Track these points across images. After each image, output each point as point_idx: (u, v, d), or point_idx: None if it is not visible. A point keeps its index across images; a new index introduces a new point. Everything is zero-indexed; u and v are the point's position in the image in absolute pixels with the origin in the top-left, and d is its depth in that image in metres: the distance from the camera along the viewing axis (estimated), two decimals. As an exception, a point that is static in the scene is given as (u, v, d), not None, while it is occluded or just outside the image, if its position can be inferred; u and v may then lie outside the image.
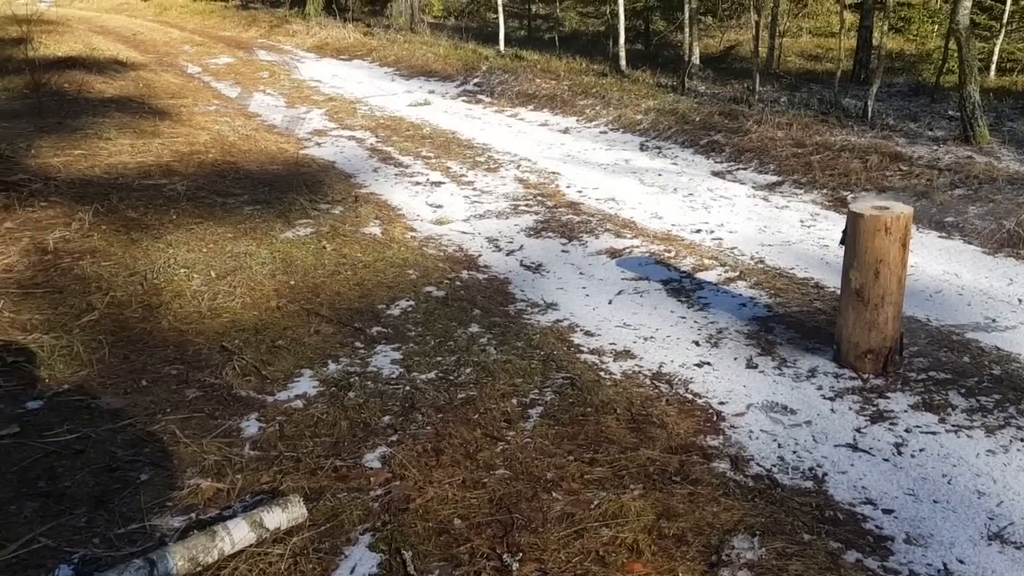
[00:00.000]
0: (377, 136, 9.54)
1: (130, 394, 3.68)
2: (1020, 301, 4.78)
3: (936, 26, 15.05)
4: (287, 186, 6.91)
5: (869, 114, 9.29)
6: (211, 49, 17.60)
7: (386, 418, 3.53)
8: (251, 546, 2.69)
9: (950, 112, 9.65)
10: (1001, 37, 12.01)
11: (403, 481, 3.08)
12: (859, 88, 11.13)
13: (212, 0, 28.77)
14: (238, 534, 2.67)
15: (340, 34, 18.76)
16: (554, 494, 3.01)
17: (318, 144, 9.06)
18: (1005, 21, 11.95)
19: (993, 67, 12.10)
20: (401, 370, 3.97)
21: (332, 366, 4.00)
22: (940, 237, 5.97)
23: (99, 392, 3.65)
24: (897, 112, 9.92)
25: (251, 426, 3.46)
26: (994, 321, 4.53)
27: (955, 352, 4.14)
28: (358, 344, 4.25)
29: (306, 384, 3.83)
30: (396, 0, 19.70)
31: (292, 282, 4.97)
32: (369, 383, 3.83)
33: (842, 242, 3.98)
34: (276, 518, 2.76)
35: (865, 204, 3.93)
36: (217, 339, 4.20)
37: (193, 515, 2.90)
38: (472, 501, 2.96)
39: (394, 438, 3.37)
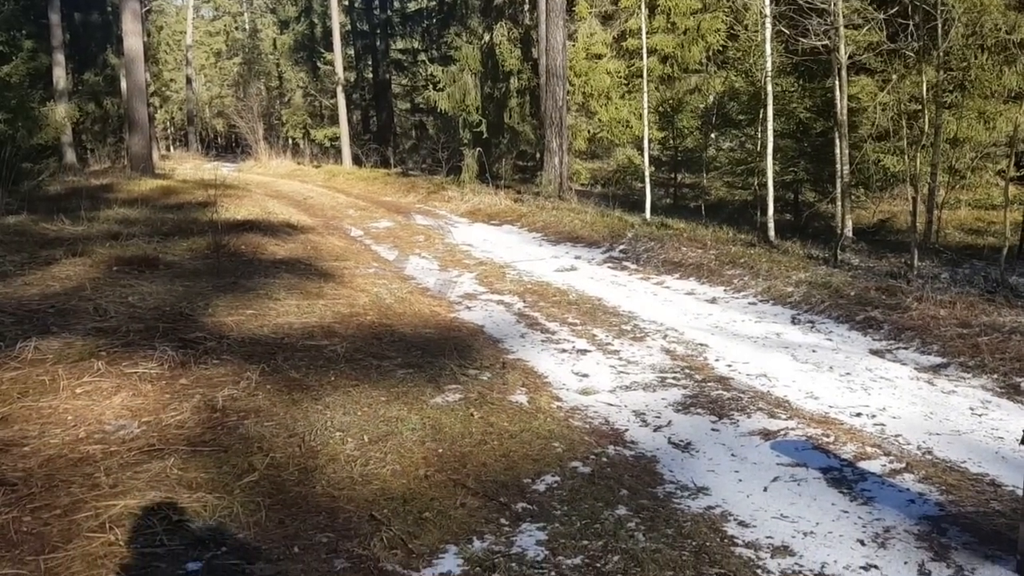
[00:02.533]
0: (524, 301, 9.79)
1: (282, 561, 3.75)
2: None
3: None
4: (438, 350, 7.13)
5: (1041, 293, 8.79)
6: (373, 213, 18.82)
7: (531, 606, 3.43)
8: None
9: None
10: None
11: None
12: (1028, 264, 10.62)
13: (376, 168, 31.07)
14: None
15: (492, 200, 19.71)
16: None
17: (468, 308, 9.37)
18: None
19: None
20: (546, 553, 3.88)
21: (477, 543, 3.97)
22: None
23: (254, 557, 3.74)
24: (1073, 291, 9.34)
25: (396, 603, 3.44)
26: None
27: None
28: (503, 520, 4.21)
29: (451, 562, 3.79)
30: (546, 168, 20.63)
31: (440, 450, 5.04)
32: (514, 564, 3.76)
33: (1022, 441, 3.70)
34: None
35: (1050, 402, 3.66)
36: (367, 507, 4.26)
37: None
38: None
39: (539, 629, 3.26)
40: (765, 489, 4.72)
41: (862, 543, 4.07)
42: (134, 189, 17.00)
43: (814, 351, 7.68)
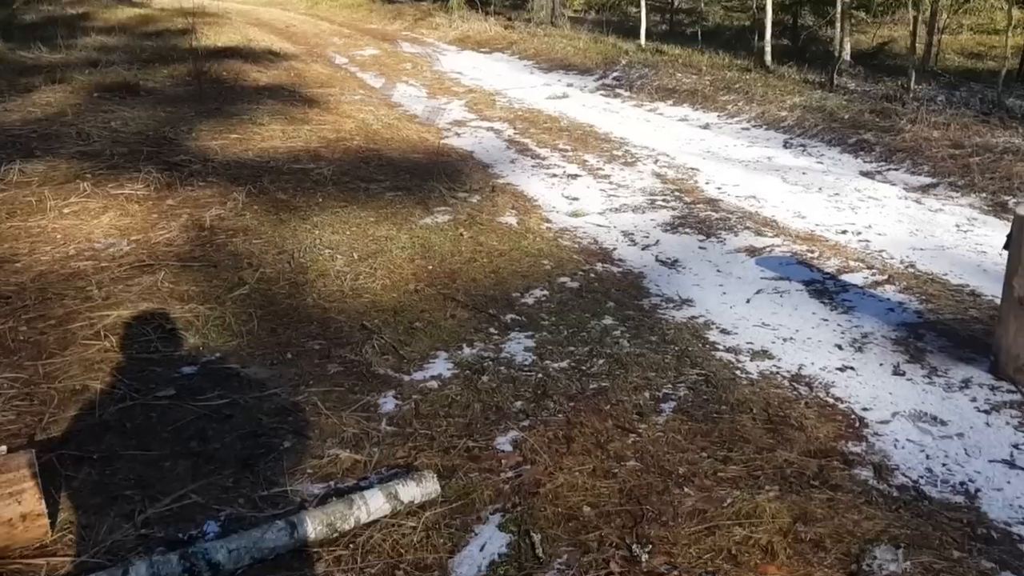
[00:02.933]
0: (515, 128, 9.63)
1: (276, 365, 3.85)
2: None
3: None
4: (427, 174, 7.07)
5: (1037, 115, 8.67)
6: (358, 41, 18.19)
7: (518, 403, 3.56)
8: (386, 517, 2.77)
9: None
10: None
11: (534, 466, 3.10)
12: (1026, 87, 10.42)
13: (360, -6, 29.71)
14: (374, 504, 2.76)
15: (481, 27, 19.02)
16: (685, 489, 2.96)
17: (457, 134, 9.22)
18: None
19: None
20: (534, 358, 4.00)
21: (467, 350, 4.07)
22: (1116, 247, 5.50)
23: (248, 362, 3.85)
24: (1070, 113, 9.21)
25: (388, 403, 3.56)
26: None
27: None
28: (492, 330, 4.30)
29: (441, 366, 3.90)
30: (538, -6, 19.83)
31: (430, 267, 5.09)
32: (502, 368, 3.87)
33: (1006, 246, 3.74)
34: (410, 492, 2.83)
35: (1035, 207, 3.67)
36: (358, 318, 4.34)
37: (331, 483, 3.01)
38: (602, 490, 2.95)
39: (526, 423, 3.40)
40: (748, 301, 4.81)
41: (840, 347, 4.19)
42: (111, 17, 16.33)
43: (804, 173, 7.64)
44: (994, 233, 5.73)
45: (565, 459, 3.14)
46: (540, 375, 3.80)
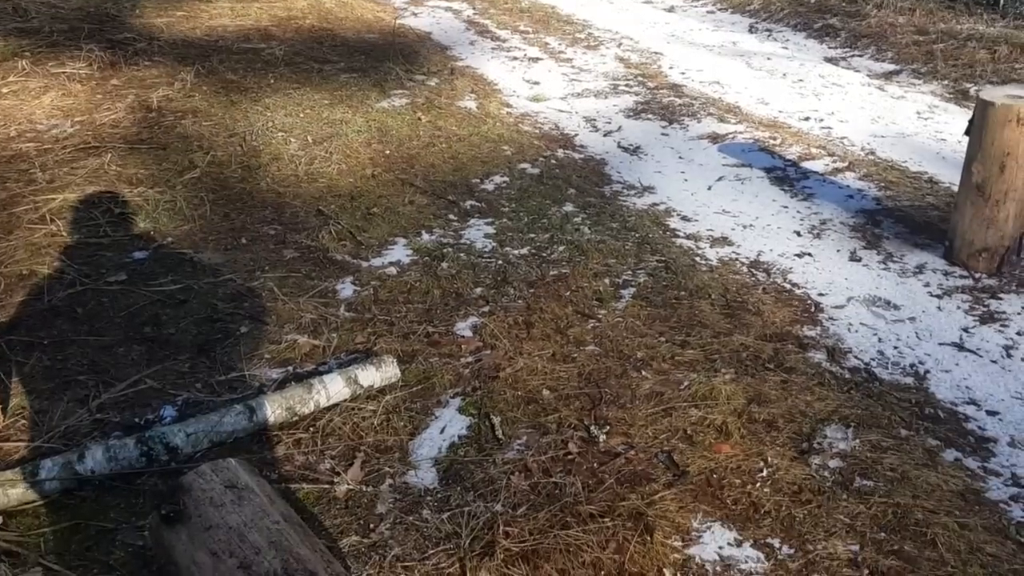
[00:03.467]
0: (474, 8, 9.30)
1: (230, 251, 3.77)
2: None
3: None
4: (383, 55, 6.82)
5: (1001, 1, 8.56)
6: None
7: (478, 289, 3.54)
8: (345, 401, 2.76)
9: (1096, 2, 8.81)
10: None
11: (494, 350, 3.10)
12: (994, -27, 10.24)
13: None
14: (333, 388, 2.75)
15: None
16: (644, 373, 2.99)
17: (414, 14, 8.88)
18: None
19: None
20: (494, 244, 3.96)
21: (426, 236, 4.01)
22: (1072, 136, 5.53)
23: (201, 247, 3.75)
24: (1035, 0, 9.12)
25: (346, 289, 3.52)
26: (1126, 227, 4.21)
27: (1079, 257, 3.88)
28: (451, 216, 4.24)
29: (400, 252, 3.85)
30: None
31: (387, 151, 4.96)
32: (462, 255, 3.83)
33: (967, 132, 3.72)
34: (370, 376, 2.82)
35: (996, 92, 3.64)
36: (313, 203, 4.25)
37: (290, 368, 2.99)
38: (561, 374, 2.97)
39: (485, 309, 3.39)
40: (709, 188, 4.79)
41: (798, 234, 4.21)
42: None
43: (769, 59, 7.52)
44: (954, 120, 5.73)
45: (525, 344, 3.14)
46: (500, 262, 3.77)
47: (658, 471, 2.51)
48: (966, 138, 3.74)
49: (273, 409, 2.65)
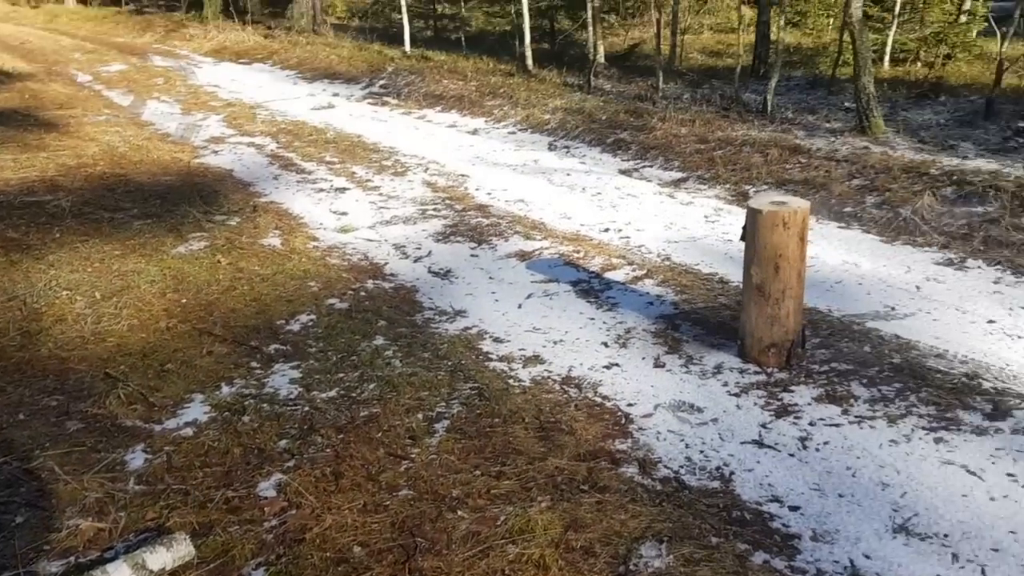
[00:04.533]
0: (278, 142, 9.27)
1: (5, 429, 3.42)
2: (918, 288, 4.88)
3: (831, 19, 15.45)
4: (180, 198, 6.63)
5: (769, 108, 9.45)
6: (103, 56, 16.91)
7: (282, 442, 3.37)
8: (132, 591, 2.50)
9: (846, 104, 9.88)
10: (894, 28, 12.37)
11: (299, 509, 2.92)
12: (759, 83, 11.32)
13: (104, 6, 27.71)
14: (117, 579, 2.48)
15: (239, 37, 18.26)
16: (459, 512, 2.90)
17: (215, 152, 8.74)
18: (897, 12, 12.32)
19: (887, 58, 12.45)
20: (300, 389, 3.81)
21: (225, 389, 3.81)
22: (840, 228, 6.08)
23: (-32, 430, 3.39)
24: (796, 105, 10.12)
25: (136, 458, 3.25)
26: (893, 309, 4.61)
27: (856, 342, 4.19)
28: (254, 364, 4.06)
29: (197, 410, 3.63)
30: (296, 2, 19.26)
31: (184, 300, 4.74)
32: (265, 405, 3.65)
33: (742, 238, 3.98)
34: (160, 558, 2.58)
35: (763, 200, 3.94)
36: (101, 365, 3.96)
37: (72, 559, 2.70)
38: (373, 526, 2.83)
39: (291, 463, 3.21)
40: (520, 306, 4.86)
41: (606, 345, 4.32)
42: None
43: (568, 174, 7.89)
44: (738, 221, 6.11)
45: (334, 497, 2.99)
46: (307, 408, 3.62)
47: (477, 621, 2.40)
48: (743, 243, 4.00)
49: (46, 614, 2.36)
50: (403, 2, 15.85)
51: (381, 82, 13.17)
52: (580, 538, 2.74)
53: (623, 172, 7.94)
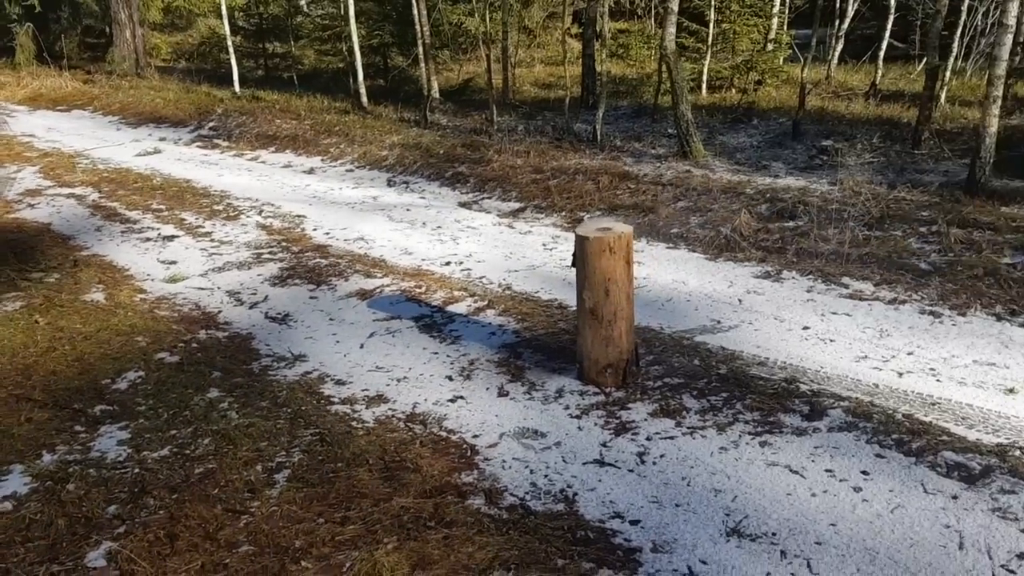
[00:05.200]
0: (100, 191, 8.82)
1: None
2: (740, 301, 5.18)
3: (651, 51, 16.26)
4: (-9, 257, 6.18)
5: (598, 137, 9.83)
6: (-103, 108, 15.59)
7: (112, 508, 3.18)
8: None
9: (670, 130, 10.39)
10: (708, 58, 13.16)
11: (130, 578, 2.77)
12: (588, 113, 11.74)
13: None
14: None
15: (56, 83, 17.29)
16: (304, 563, 2.83)
17: (31, 206, 8.21)
18: (710, 43, 13.13)
19: (704, 86, 13.21)
20: (129, 451, 3.61)
21: (47, 457, 3.56)
22: (668, 248, 6.38)
23: None
24: (623, 133, 10.56)
25: (-56, 542, 2.99)
26: (719, 322, 4.87)
27: (687, 356, 4.39)
28: (78, 428, 3.82)
29: (16, 482, 3.37)
30: (117, 44, 18.45)
31: (-3, 366, 4.41)
32: (91, 471, 3.44)
33: (572, 264, 4.11)
34: (-30, 651, 2.37)
35: (590, 227, 4.08)
36: (-101, 445, 3.62)
37: None
38: (211, 587, 2.71)
39: (121, 529, 3.04)
40: (362, 346, 4.81)
41: (450, 379, 4.34)
42: None
43: (408, 210, 7.90)
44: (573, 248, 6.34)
45: (169, 561, 2.85)
46: (137, 470, 3.44)
47: (325, 674, 2.34)
48: (574, 269, 4.13)
49: None
50: (230, 43, 15.49)
51: (211, 124, 12.79)
52: (428, 575, 2.73)
53: (463, 205, 8.04)
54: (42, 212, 7.94)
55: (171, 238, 7.07)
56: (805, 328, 4.72)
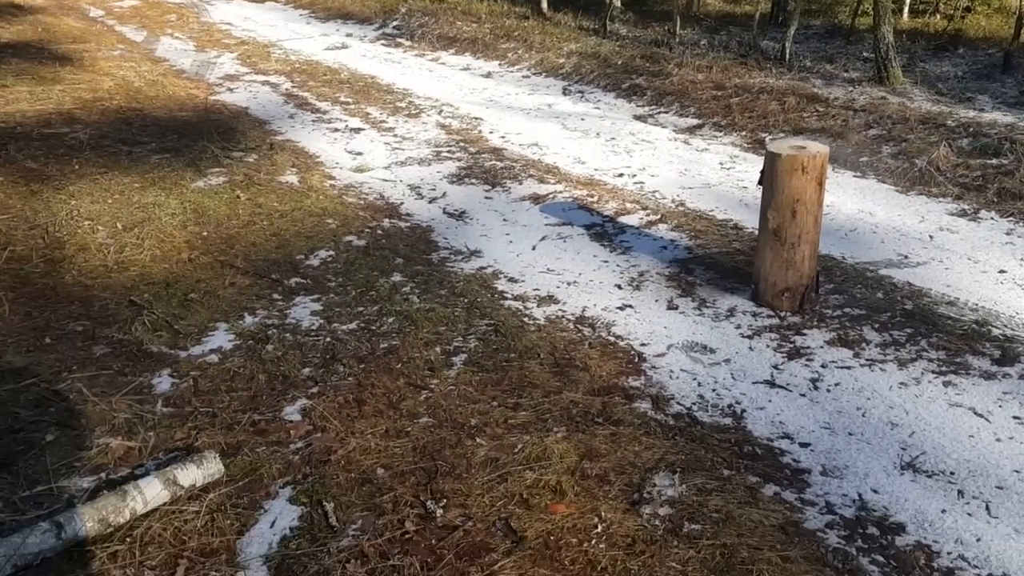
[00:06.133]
0: (293, 81, 9.24)
1: (33, 352, 3.51)
2: (931, 238, 4.92)
3: (852, -31, 15.20)
4: (197, 134, 6.65)
5: (787, 56, 9.37)
6: (114, -10, 16.73)
7: (306, 370, 3.45)
8: (165, 504, 2.61)
9: (865, 54, 9.77)
10: (914, -20, 12.21)
11: (324, 433, 3.02)
12: (777, 30, 11.19)
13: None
14: (151, 493, 2.59)
15: (252, -25, 18.01)
16: (478, 440, 3.00)
17: (230, 90, 8.72)
18: (917, -36, 12.14)
19: (906, 9, 12.30)
20: (321, 321, 3.88)
21: (248, 319, 3.89)
22: (855, 177, 6.09)
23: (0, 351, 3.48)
24: (814, 54, 10.01)
25: (163, 382, 3.35)
26: (906, 258, 4.65)
27: (869, 288, 4.24)
28: (276, 296, 4.13)
29: (221, 338, 3.71)
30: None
31: (205, 233, 4.80)
32: (288, 335, 3.73)
33: (760, 182, 4.01)
34: (191, 475, 2.68)
35: (782, 144, 3.96)
36: (125, 293, 4.04)
37: (103, 475, 2.80)
38: (395, 450, 2.92)
39: (314, 390, 3.30)
40: (534, 248, 4.91)
41: (619, 287, 4.38)
42: None
43: (583, 119, 7.87)
44: (753, 169, 6.15)
45: (357, 423, 3.08)
46: (328, 339, 3.70)
47: (496, 540, 2.50)
48: (760, 188, 4.03)
49: (84, 523, 2.46)
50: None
51: (395, 23, 13.05)
52: (595, 467, 2.83)
53: (638, 118, 7.92)
54: (240, 96, 8.43)
55: (357, 130, 7.36)
56: (1001, 272, 4.44)
